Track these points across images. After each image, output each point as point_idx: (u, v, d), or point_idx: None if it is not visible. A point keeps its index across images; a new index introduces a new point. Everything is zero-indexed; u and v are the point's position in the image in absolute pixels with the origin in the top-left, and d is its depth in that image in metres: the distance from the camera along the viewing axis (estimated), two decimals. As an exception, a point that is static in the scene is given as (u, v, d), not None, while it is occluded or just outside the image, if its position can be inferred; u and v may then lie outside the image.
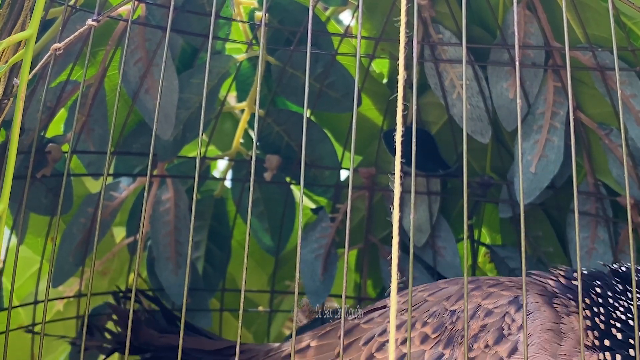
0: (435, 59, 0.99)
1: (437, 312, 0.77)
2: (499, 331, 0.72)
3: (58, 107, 0.95)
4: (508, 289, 0.75)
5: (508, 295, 0.74)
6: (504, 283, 0.77)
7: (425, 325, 0.76)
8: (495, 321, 0.72)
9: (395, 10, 0.95)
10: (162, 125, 0.95)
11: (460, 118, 0.98)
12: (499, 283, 0.77)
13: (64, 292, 1.06)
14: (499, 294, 0.75)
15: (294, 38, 1.00)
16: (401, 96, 0.56)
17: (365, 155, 1.09)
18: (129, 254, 1.08)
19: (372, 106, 1.08)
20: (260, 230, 1.11)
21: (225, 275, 1.11)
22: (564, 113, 0.95)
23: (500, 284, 0.77)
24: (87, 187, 1.06)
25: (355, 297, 1.11)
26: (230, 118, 1.12)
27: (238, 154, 1.09)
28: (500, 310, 0.73)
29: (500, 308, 0.73)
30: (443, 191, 1.06)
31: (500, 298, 0.74)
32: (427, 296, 0.80)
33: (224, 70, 1.01)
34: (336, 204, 1.08)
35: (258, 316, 1.15)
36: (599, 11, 0.88)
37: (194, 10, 0.96)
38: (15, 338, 1.00)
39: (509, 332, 0.71)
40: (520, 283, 0.77)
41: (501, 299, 0.74)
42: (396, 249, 0.53)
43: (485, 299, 0.74)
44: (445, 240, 1.05)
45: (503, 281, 0.78)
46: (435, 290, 0.80)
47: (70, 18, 0.87)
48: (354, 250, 1.11)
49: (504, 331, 0.71)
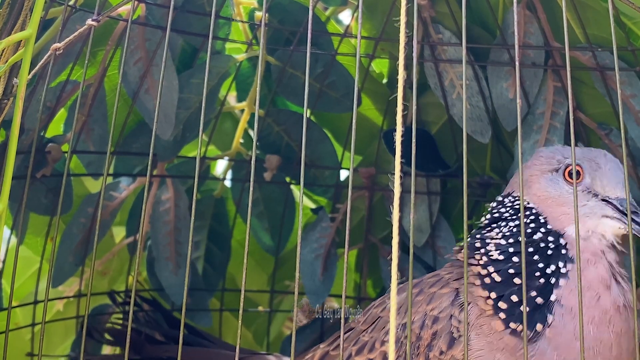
0: (435, 58, 0.99)
1: None
2: (449, 335, 0.75)
3: (58, 107, 0.95)
4: (446, 285, 0.79)
5: (448, 292, 0.78)
6: (442, 278, 0.80)
7: (383, 344, 0.79)
8: (444, 326, 0.75)
9: (395, 10, 0.95)
10: (162, 125, 0.95)
11: (460, 118, 0.98)
12: (438, 280, 0.80)
13: (64, 292, 1.06)
14: (439, 294, 0.78)
15: (294, 38, 1.00)
16: (401, 96, 0.56)
17: (365, 155, 1.09)
18: (128, 254, 1.08)
19: (372, 106, 1.08)
20: (260, 230, 1.11)
21: (225, 275, 1.11)
22: (564, 113, 0.95)
23: (440, 280, 0.80)
24: (87, 187, 1.06)
25: (355, 297, 1.11)
26: (230, 118, 1.12)
27: (238, 154, 1.09)
28: (445, 314, 0.76)
29: (445, 312, 0.76)
30: (443, 191, 1.06)
31: (442, 299, 0.77)
32: (380, 312, 0.82)
33: (224, 70, 1.01)
34: (336, 203, 1.08)
35: (258, 316, 1.15)
36: (599, 11, 0.88)
37: (193, 10, 0.96)
38: (15, 338, 1.00)
39: (459, 334, 0.75)
40: (456, 270, 0.81)
41: (443, 300, 0.77)
42: (396, 248, 0.53)
43: (429, 304, 0.77)
44: (445, 240, 1.05)
45: (442, 275, 0.81)
46: (385, 304, 0.83)
47: (70, 18, 0.87)
48: (354, 250, 1.11)
49: (453, 334, 0.75)
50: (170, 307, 1.06)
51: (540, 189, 0.80)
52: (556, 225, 0.78)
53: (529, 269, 0.76)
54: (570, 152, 0.77)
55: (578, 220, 0.62)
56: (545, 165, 0.81)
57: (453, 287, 0.78)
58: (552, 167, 0.80)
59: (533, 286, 0.75)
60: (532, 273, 0.76)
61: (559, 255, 0.76)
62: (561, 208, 0.79)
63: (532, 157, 0.83)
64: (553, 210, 0.79)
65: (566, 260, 0.76)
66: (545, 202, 0.79)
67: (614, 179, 0.78)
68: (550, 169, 0.80)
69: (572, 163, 0.76)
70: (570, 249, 0.77)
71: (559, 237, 0.77)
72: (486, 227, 0.81)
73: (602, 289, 0.75)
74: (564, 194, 0.79)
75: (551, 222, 0.78)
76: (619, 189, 0.77)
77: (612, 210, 0.77)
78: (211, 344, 1.00)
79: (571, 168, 0.79)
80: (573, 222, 0.75)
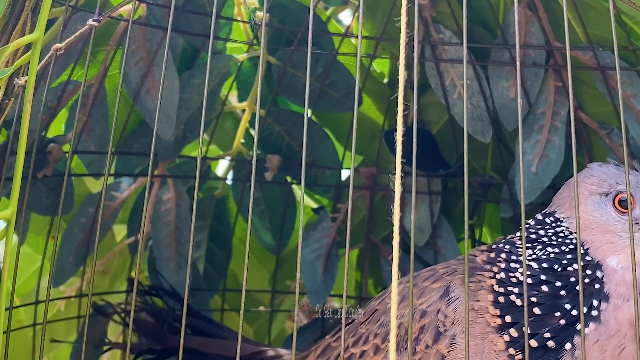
0: (436, 58, 0.99)
1: (384, 321, 0.80)
2: (436, 329, 0.74)
3: (59, 107, 0.95)
4: (439, 279, 0.77)
5: (439, 287, 0.76)
6: (437, 272, 0.79)
7: (375, 336, 0.79)
8: (431, 320, 0.74)
9: (396, 10, 0.95)
10: (163, 125, 0.95)
11: (461, 118, 0.98)
12: (432, 274, 0.79)
13: (65, 291, 1.06)
14: (430, 288, 0.77)
15: (295, 38, 1.00)
16: (402, 96, 0.56)
17: (366, 155, 1.09)
18: (130, 253, 1.08)
19: (372, 106, 1.08)
20: (262, 229, 1.11)
21: (226, 275, 1.11)
22: (565, 113, 0.95)
23: (434, 274, 0.79)
24: (88, 187, 1.06)
25: (356, 297, 1.11)
26: (231, 118, 1.12)
27: (239, 154, 1.09)
28: (433, 308, 0.75)
29: (433, 306, 0.75)
30: (444, 191, 1.05)
31: (432, 294, 0.76)
32: (377, 305, 0.82)
33: (225, 70, 1.01)
34: (337, 203, 1.08)
35: (259, 315, 1.15)
36: (600, 11, 0.88)
37: (194, 10, 0.96)
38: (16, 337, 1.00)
39: (445, 329, 0.74)
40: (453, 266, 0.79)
41: (432, 294, 0.76)
42: (397, 248, 0.53)
43: (419, 298, 0.76)
44: (446, 240, 1.05)
45: (438, 270, 0.80)
46: (383, 297, 0.83)
47: (71, 18, 0.87)
48: (355, 250, 1.11)
49: (439, 329, 0.74)
50: (172, 307, 1.06)
51: (586, 212, 0.76)
52: (597, 254, 0.74)
53: (552, 303, 0.72)
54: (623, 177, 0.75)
55: None
56: (595, 187, 0.76)
57: (445, 281, 0.77)
58: (602, 190, 0.76)
59: (549, 325, 0.72)
60: (553, 310, 0.72)
61: (591, 292, 0.72)
62: (605, 236, 0.74)
63: (582, 173, 0.79)
64: (596, 238, 0.75)
65: (600, 298, 0.72)
66: (588, 227, 0.75)
67: None
68: (599, 192, 0.76)
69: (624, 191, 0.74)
70: (607, 283, 0.73)
71: (596, 269, 0.74)
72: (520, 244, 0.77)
73: (630, 336, 0.71)
74: (610, 221, 0.75)
75: (592, 252, 0.74)
76: None
77: None
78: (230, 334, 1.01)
79: (622, 196, 0.75)
80: (616, 252, 0.73)
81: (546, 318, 0.72)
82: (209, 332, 0.99)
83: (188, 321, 0.99)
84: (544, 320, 0.72)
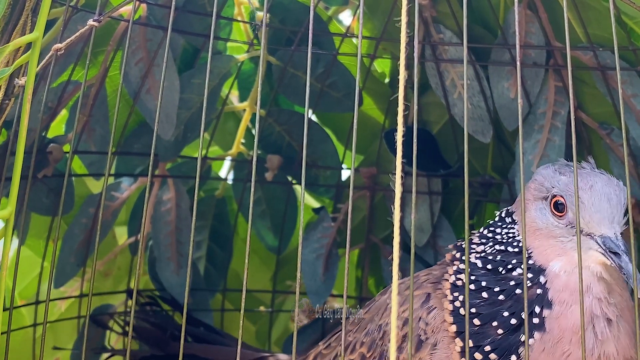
0: (437, 58, 0.99)
1: (370, 329, 0.79)
2: (417, 338, 0.73)
3: (59, 107, 0.95)
4: (420, 287, 0.77)
5: (419, 295, 0.76)
6: (419, 279, 0.78)
7: (362, 345, 0.79)
8: (413, 328, 0.73)
9: (396, 10, 0.95)
10: (163, 126, 0.95)
11: (461, 118, 0.98)
12: (415, 281, 0.78)
13: (66, 292, 1.06)
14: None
15: (295, 38, 1.00)
16: (402, 96, 0.56)
17: (367, 155, 1.09)
18: (130, 254, 1.08)
19: (373, 106, 1.08)
20: (263, 229, 1.11)
21: (226, 276, 1.11)
22: (565, 113, 0.95)
23: (416, 282, 0.78)
24: (89, 188, 1.06)
25: (356, 297, 1.11)
26: (231, 118, 1.12)
27: (239, 154, 1.09)
28: (414, 316, 0.74)
29: (415, 313, 0.74)
30: (444, 191, 1.05)
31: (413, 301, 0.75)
32: (364, 314, 0.82)
33: (225, 70, 1.01)
34: (337, 203, 1.08)
35: (261, 315, 1.15)
36: (600, 11, 0.88)
37: (195, 11, 0.96)
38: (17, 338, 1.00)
39: (426, 337, 0.73)
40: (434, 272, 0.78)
41: (414, 302, 0.75)
42: (397, 248, 0.53)
43: (402, 306, 0.76)
44: (447, 240, 1.05)
45: (420, 277, 0.79)
46: (370, 305, 0.82)
47: (72, 18, 0.87)
48: (355, 250, 1.11)
49: (421, 337, 0.73)
50: (171, 308, 1.06)
51: (530, 218, 0.74)
52: (541, 259, 0.73)
53: (490, 312, 0.71)
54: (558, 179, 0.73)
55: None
56: (537, 192, 0.75)
57: (425, 290, 0.76)
58: (542, 194, 0.75)
59: (489, 336, 0.70)
60: (490, 320, 0.71)
61: (534, 297, 0.71)
62: (548, 241, 0.73)
63: (533, 176, 0.78)
64: (541, 243, 0.73)
65: (543, 304, 0.71)
66: (533, 233, 0.74)
67: (596, 215, 0.71)
68: (540, 196, 0.75)
69: (557, 194, 0.72)
70: (550, 289, 0.71)
71: (539, 274, 0.72)
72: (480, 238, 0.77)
73: (575, 342, 0.69)
74: (550, 226, 0.73)
75: (535, 256, 0.73)
76: (603, 226, 0.70)
77: (596, 245, 0.71)
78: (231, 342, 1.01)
79: (557, 199, 0.73)
80: (559, 256, 0.72)
81: (485, 328, 0.71)
82: (209, 339, 0.99)
83: (189, 330, 1.00)
84: (484, 332, 0.71)
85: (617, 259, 0.69)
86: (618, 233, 0.71)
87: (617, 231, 0.71)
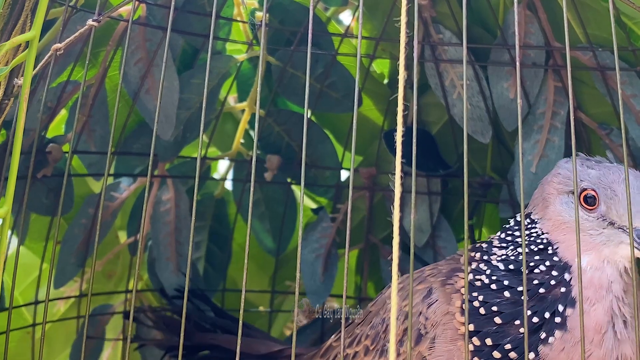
0: (436, 59, 0.99)
1: (374, 322, 0.80)
2: (417, 332, 0.73)
3: (59, 107, 0.95)
4: (424, 281, 0.77)
5: (422, 289, 0.76)
6: (423, 273, 0.78)
7: (367, 337, 0.79)
8: (413, 322, 0.73)
9: (396, 11, 0.95)
10: (163, 126, 0.95)
11: (460, 118, 0.98)
12: (419, 275, 0.78)
13: (64, 292, 1.06)
14: (415, 290, 0.75)
15: (295, 38, 1.00)
16: (402, 96, 0.56)
17: (366, 156, 1.09)
18: (129, 254, 1.08)
19: (372, 106, 1.08)
20: (262, 232, 1.11)
21: (225, 276, 1.11)
22: (565, 113, 0.95)
23: (420, 275, 0.78)
24: (90, 188, 1.06)
25: (355, 297, 1.11)
26: (230, 118, 1.12)
27: (238, 154, 1.09)
28: (415, 310, 0.74)
29: (415, 308, 0.74)
30: (443, 191, 1.05)
31: (415, 296, 0.75)
32: (371, 306, 0.82)
33: (225, 71, 1.01)
34: (337, 204, 1.08)
35: (259, 316, 1.15)
36: (600, 11, 0.88)
37: (194, 11, 0.96)
38: (16, 338, 1.00)
39: (426, 331, 0.73)
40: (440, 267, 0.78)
41: (416, 296, 0.75)
42: (397, 249, 0.53)
43: (404, 300, 0.76)
44: (446, 240, 1.05)
45: (425, 271, 0.79)
46: (377, 299, 0.83)
47: (71, 18, 0.87)
48: (355, 250, 1.11)
49: (421, 331, 0.73)
50: (170, 307, 1.06)
51: (555, 212, 0.74)
52: (567, 254, 0.72)
53: (512, 311, 0.70)
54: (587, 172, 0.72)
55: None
56: (562, 185, 0.74)
57: (428, 283, 0.76)
58: (568, 188, 0.73)
59: (510, 335, 0.70)
60: (512, 318, 0.70)
61: (557, 296, 0.70)
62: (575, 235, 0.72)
63: (552, 172, 0.77)
64: (567, 237, 0.72)
65: (567, 303, 0.70)
66: (559, 227, 0.73)
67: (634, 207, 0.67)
68: (566, 190, 0.73)
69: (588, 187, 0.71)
70: (574, 286, 0.70)
71: (564, 270, 0.71)
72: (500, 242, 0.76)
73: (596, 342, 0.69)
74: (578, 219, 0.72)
75: (562, 252, 0.72)
76: (638, 219, 0.68)
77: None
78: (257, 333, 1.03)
79: (587, 193, 0.72)
80: (586, 252, 0.71)
81: (506, 327, 0.70)
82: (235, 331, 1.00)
83: (216, 321, 1.03)
84: (504, 330, 0.70)
85: None
86: None
87: None
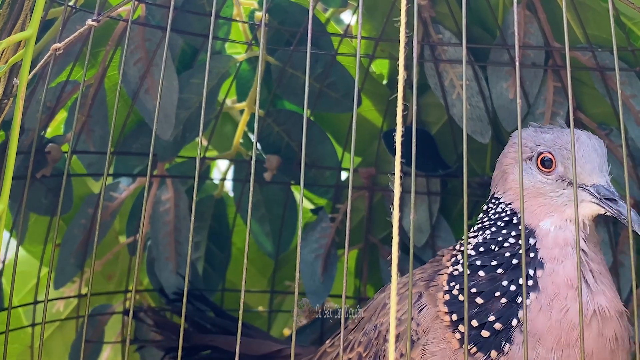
0: (435, 59, 0.99)
1: (367, 329, 0.80)
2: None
3: (58, 107, 0.95)
4: (414, 286, 0.77)
5: (414, 293, 0.76)
6: (414, 277, 0.78)
7: (359, 344, 0.79)
8: (405, 328, 0.73)
9: (395, 11, 0.95)
10: (162, 126, 0.95)
11: (460, 118, 0.98)
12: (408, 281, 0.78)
13: (64, 292, 1.06)
14: (405, 295, 0.76)
15: (294, 39, 1.00)
16: (401, 96, 0.56)
17: (365, 156, 1.09)
18: (128, 254, 1.08)
19: (372, 106, 1.08)
20: (261, 235, 1.11)
21: (225, 276, 1.11)
22: (564, 113, 0.95)
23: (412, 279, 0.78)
24: (89, 188, 1.06)
25: (355, 297, 1.11)
26: (230, 118, 1.12)
27: (238, 155, 1.09)
28: (406, 316, 0.74)
29: (406, 314, 0.74)
30: (443, 191, 1.05)
31: (406, 301, 0.75)
32: (364, 312, 0.82)
33: (224, 71, 1.01)
34: (336, 204, 1.08)
35: (259, 316, 1.15)
36: (599, 11, 0.88)
37: (193, 11, 0.96)
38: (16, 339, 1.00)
39: (417, 337, 0.73)
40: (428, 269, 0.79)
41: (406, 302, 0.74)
42: (396, 249, 0.53)
43: (397, 304, 0.76)
44: (445, 240, 1.05)
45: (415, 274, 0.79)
46: (370, 304, 0.83)
47: (70, 18, 0.87)
48: (354, 250, 1.11)
49: (412, 337, 0.74)
50: (170, 308, 1.06)
51: (515, 181, 0.76)
52: (531, 220, 0.74)
53: (491, 287, 0.72)
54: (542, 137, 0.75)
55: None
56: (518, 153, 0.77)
57: (418, 289, 0.76)
58: (525, 155, 0.75)
59: (493, 309, 0.71)
60: (492, 293, 0.72)
61: (526, 262, 0.71)
62: (537, 199, 0.74)
63: (507, 144, 0.79)
64: (529, 204, 0.74)
65: (535, 266, 0.71)
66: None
67: (587, 166, 0.72)
68: (524, 158, 0.75)
69: (544, 151, 0.74)
70: (540, 249, 0.72)
71: (528, 237, 0.73)
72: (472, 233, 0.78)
73: (571, 297, 0.70)
74: (537, 184, 0.74)
75: (526, 218, 0.73)
76: (595, 176, 0.72)
77: (590, 195, 0.72)
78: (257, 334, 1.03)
79: (544, 156, 0.74)
80: (549, 214, 0.73)
81: (488, 304, 0.71)
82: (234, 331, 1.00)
83: (216, 321, 1.03)
84: (487, 308, 0.71)
85: (615, 205, 0.70)
86: (609, 181, 0.72)
87: (608, 179, 0.72)
